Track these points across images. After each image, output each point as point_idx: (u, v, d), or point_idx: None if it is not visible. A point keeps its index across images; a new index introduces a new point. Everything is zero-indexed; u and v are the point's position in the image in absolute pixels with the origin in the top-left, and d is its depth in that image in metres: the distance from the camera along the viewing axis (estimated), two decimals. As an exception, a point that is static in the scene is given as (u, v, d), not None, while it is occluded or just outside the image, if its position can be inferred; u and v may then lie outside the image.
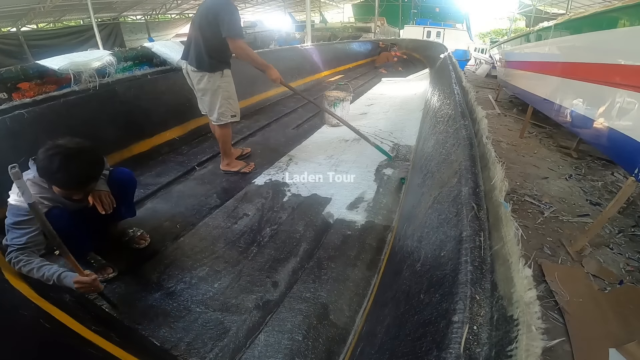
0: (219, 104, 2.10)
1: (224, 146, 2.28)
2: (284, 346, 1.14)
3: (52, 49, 8.37)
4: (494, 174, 0.96)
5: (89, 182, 1.17)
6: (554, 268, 2.16)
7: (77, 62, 2.15)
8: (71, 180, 1.10)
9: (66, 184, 1.10)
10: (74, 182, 1.12)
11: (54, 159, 1.05)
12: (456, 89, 2.13)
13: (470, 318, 0.53)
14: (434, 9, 17.04)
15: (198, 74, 2.04)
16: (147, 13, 14.74)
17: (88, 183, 1.17)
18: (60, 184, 1.10)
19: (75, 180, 1.11)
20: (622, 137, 2.27)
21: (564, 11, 10.84)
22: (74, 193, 1.15)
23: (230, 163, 2.38)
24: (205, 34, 1.94)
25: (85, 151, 1.12)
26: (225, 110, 2.13)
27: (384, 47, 8.79)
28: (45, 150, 1.07)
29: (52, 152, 1.06)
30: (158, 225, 1.76)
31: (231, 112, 2.16)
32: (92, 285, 1.07)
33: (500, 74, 7.28)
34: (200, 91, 2.11)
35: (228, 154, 2.34)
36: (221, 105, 2.11)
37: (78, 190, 1.15)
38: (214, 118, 2.16)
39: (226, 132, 2.22)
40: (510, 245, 0.67)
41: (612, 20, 2.48)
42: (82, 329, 1.02)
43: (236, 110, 2.19)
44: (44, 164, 1.06)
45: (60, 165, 1.05)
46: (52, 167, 1.05)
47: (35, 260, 1.07)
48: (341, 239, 1.70)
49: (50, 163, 1.05)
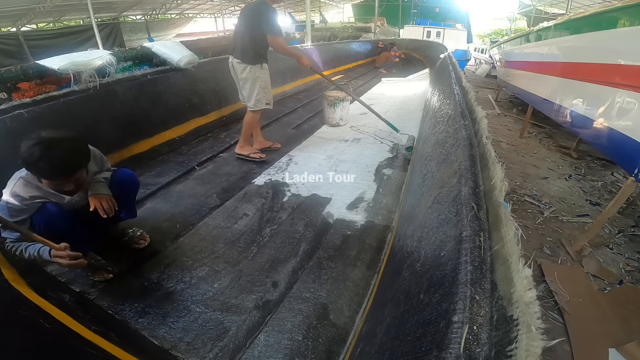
0: (256, 91, 2.41)
1: (246, 130, 2.56)
2: (283, 346, 1.14)
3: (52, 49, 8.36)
4: (493, 174, 0.96)
5: (74, 170, 1.13)
6: (554, 268, 2.16)
7: (77, 62, 2.15)
8: (54, 169, 1.07)
9: (50, 173, 1.08)
10: (58, 171, 1.09)
11: (34, 150, 1.03)
12: (456, 89, 2.13)
13: (470, 318, 0.53)
14: (434, 9, 17.03)
15: (242, 65, 2.37)
16: (147, 13, 14.73)
17: (73, 171, 1.12)
18: (45, 174, 1.09)
19: (59, 169, 1.08)
20: (622, 137, 2.28)
21: (564, 11, 10.84)
22: (62, 183, 1.13)
23: (244, 147, 2.61)
24: (251, 32, 2.29)
25: (67, 139, 1.09)
26: (261, 97, 2.44)
27: (383, 47, 8.78)
28: (26, 143, 1.05)
29: (32, 142, 1.04)
30: (158, 225, 1.76)
31: (266, 100, 2.47)
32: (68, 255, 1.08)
33: (500, 74, 7.28)
34: (242, 80, 2.42)
35: (245, 138, 2.60)
36: (258, 93, 2.42)
37: (64, 179, 1.12)
38: (251, 104, 2.45)
39: (255, 118, 2.53)
40: (510, 245, 0.67)
41: (612, 20, 2.49)
42: (82, 329, 1.02)
43: (270, 99, 2.50)
44: (26, 155, 1.04)
45: (42, 155, 1.03)
46: (34, 157, 1.03)
47: (23, 243, 1.13)
48: (341, 239, 1.70)
49: (32, 154, 1.03)
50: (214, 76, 3.36)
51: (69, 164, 1.10)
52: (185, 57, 2.92)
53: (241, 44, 2.33)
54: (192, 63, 2.96)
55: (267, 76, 2.46)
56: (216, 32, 16.78)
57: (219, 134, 3.10)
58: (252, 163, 2.53)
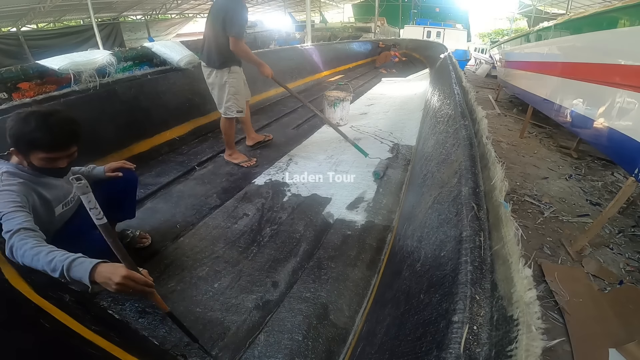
0: (225, 98, 2.23)
1: (227, 138, 2.42)
2: (284, 346, 1.14)
3: (52, 49, 8.37)
4: (494, 174, 0.96)
5: (73, 140, 1.06)
6: (554, 268, 2.16)
7: (77, 62, 2.15)
8: (53, 138, 1.00)
9: (48, 143, 1.00)
10: (59, 138, 1.02)
11: (29, 119, 0.96)
12: (456, 89, 2.13)
13: (470, 318, 0.53)
14: (434, 9, 17.04)
15: (207, 70, 2.21)
16: (147, 13, 14.73)
17: (72, 140, 1.06)
18: (42, 144, 0.99)
19: (60, 136, 1.01)
20: (622, 137, 2.27)
21: (564, 11, 10.84)
22: (59, 157, 1.05)
23: (232, 154, 2.50)
24: (214, 32, 2.07)
25: (60, 111, 1.05)
26: (231, 104, 2.25)
27: (384, 47, 8.78)
28: (14, 118, 0.97)
29: (23, 115, 0.97)
30: (158, 225, 1.76)
31: (237, 107, 2.27)
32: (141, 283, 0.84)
33: (500, 74, 7.28)
34: (210, 85, 2.28)
35: (230, 146, 2.47)
36: (228, 100, 2.24)
37: (64, 149, 1.05)
38: (221, 111, 2.30)
39: (229, 125, 2.35)
40: (510, 245, 0.67)
41: (612, 20, 2.49)
42: (82, 329, 1.02)
43: (242, 106, 2.32)
44: (19, 126, 0.96)
45: (38, 123, 0.96)
46: (29, 127, 0.96)
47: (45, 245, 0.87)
48: (341, 239, 1.70)
49: (26, 124, 0.96)
50: (214, 76, 3.36)
51: (69, 132, 1.04)
52: (186, 57, 2.92)
53: (207, 46, 2.14)
54: (192, 63, 2.96)
55: (239, 80, 2.25)
56: (216, 32, 16.76)
57: (219, 133, 3.08)
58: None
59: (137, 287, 0.83)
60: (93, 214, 0.75)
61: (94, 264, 0.81)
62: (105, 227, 0.78)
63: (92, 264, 0.81)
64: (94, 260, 0.82)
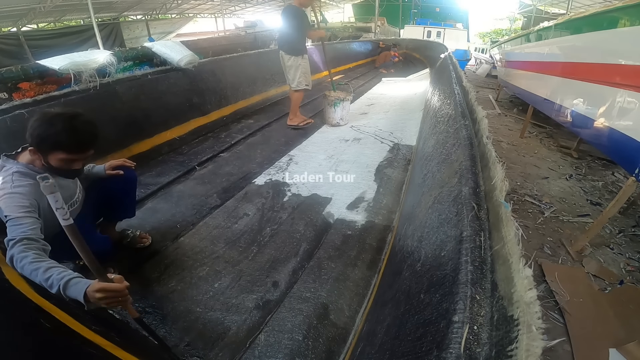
0: (298, 75, 3.09)
1: (294, 106, 3.29)
2: (284, 346, 1.14)
3: (53, 49, 8.37)
4: (494, 173, 0.96)
5: (93, 142, 1.10)
6: (554, 268, 2.16)
7: (78, 62, 2.15)
8: (79, 139, 1.04)
9: (73, 143, 1.03)
10: (84, 139, 1.06)
11: (55, 121, 0.99)
12: (456, 89, 2.13)
13: (471, 318, 0.53)
14: (434, 8, 17.03)
15: (287, 56, 3.05)
16: (147, 13, 14.73)
17: (93, 143, 1.09)
18: (68, 145, 1.02)
19: (83, 139, 1.05)
20: (623, 137, 2.27)
21: (564, 11, 10.84)
22: (78, 159, 1.08)
23: (294, 119, 3.32)
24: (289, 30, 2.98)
25: (81, 114, 1.08)
26: (302, 80, 3.12)
27: (384, 47, 8.78)
28: (40, 118, 1.00)
29: (50, 116, 1.00)
30: (158, 225, 1.76)
31: (305, 82, 3.15)
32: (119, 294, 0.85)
33: (500, 74, 7.27)
34: (288, 67, 3.09)
35: (294, 112, 3.32)
36: (299, 76, 3.10)
37: (86, 150, 1.09)
38: (294, 85, 3.15)
39: (299, 96, 3.24)
40: (511, 245, 0.67)
41: (612, 20, 2.48)
42: (82, 328, 1.02)
43: (309, 82, 3.20)
44: (44, 128, 0.98)
45: (65, 125, 0.99)
46: (56, 128, 0.99)
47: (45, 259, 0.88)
48: (341, 239, 1.70)
49: (52, 125, 0.99)
50: (214, 76, 3.36)
51: (92, 135, 1.08)
52: (186, 57, 2.92)
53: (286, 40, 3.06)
54: (192, 63, 2.96)
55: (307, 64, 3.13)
56: (216, 32, 16.77)
57: (219, 133, 3.10)
58: (252, 163, 2.53)
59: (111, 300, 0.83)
60: (60, 214, 0.74)
61: (89, 284, 0.82)
62: (72, 229, 0.77)
63: (86, 285, 0.82)
64: (88, 282, 0.83)
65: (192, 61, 2.96)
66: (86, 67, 2.17)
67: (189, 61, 2.93)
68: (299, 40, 3.01)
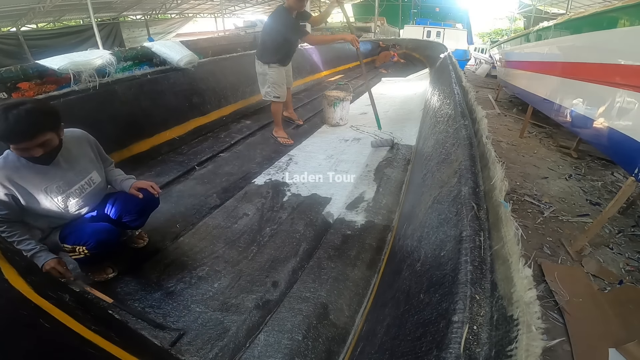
0: (266, 85, 2.79)
1: (274, 118, 2.98)
2: (283, 346, 1.14)
3: (52, 49, 8.34)
4: (494, 173, 0.96)
5: (35, 131, 1.07)
6: (554, 268, 2.16)
7: (77, 62, 2.15)
8: (12, 129, 1.03)
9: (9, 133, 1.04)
10: (16, 131, 1.04)
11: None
12: (456, 88, 2.13)
13: (470, 318, 0.53)
14: (434, 8, 17.02)
15: (256, 61, 2.80)
16: (147, 13, 14.72)
17: (33, 132, 1.07)
18: (4, 137, 1.05)
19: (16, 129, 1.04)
20: (622, 137, 2.27)
21: (564, 11, 10.84)
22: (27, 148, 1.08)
23: (277, 131, 3.03)
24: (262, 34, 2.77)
25: (26, 102, 1.07)
26: (269, 90, 2.80)
27: (384, 47, 8.77)
28: None
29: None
30: (158, 225, 1.76)
31: (274, 94, 2.81)
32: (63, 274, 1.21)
33: (500, 74, 7.28)
34: (257, 74, 2.84)
35: (276, 123, 3.02)
36: (267, 86, 2.79)
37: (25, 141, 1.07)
38: (263, 94, 2.89)
39: (275, 108, 2.90)
40: (510, 245, 0.67)
41: (612, 20, 2.49)
42: (82, 329, 1.02)
43: (280, 94, 2.83)
44: None
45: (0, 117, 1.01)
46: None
47: (16, 232, 1.17)
48: (341, 239, 1.70)
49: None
50: (214, 76, 3.36)
51: (27, 124, 1.05)
52: (186, 56, 2.92)
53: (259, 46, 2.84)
54: (192, 63, 2.96)
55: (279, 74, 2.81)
56: (216, 32, 16.77)
57: (219, 133, 3.10)
58: (251, 163, 2.53)
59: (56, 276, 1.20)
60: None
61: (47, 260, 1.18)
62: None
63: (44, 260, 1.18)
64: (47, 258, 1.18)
65: (192, 61, 2.96)
66: (86, 67, 2.16)
67: (189, 61, 2.93)
68: (270, 47, 2.68)
